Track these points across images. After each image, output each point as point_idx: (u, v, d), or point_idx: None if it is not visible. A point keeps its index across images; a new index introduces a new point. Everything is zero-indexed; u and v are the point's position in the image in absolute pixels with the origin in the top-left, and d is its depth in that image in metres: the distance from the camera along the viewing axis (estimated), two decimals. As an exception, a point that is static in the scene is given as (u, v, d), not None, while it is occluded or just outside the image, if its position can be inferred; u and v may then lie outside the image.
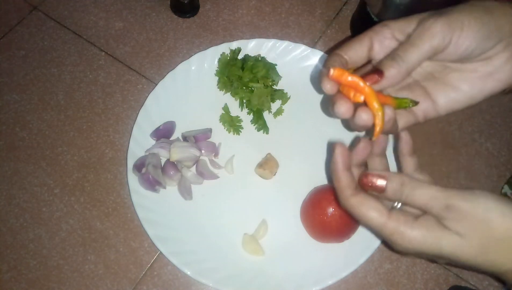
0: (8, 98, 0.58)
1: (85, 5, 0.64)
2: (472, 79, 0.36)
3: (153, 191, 0.51)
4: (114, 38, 0.62)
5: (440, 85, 0.37)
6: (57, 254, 0.50)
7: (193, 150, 0.52)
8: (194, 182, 0.52)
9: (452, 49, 0.33)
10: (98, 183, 0.53)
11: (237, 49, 0.57)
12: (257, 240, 0.50)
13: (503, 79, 0.35)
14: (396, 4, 0.50)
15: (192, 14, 0.63)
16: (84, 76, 0.60)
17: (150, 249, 0.50)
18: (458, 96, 0.36)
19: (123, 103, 0.58)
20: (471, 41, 0.33)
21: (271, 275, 0.48)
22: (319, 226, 0.48)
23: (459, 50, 0.33)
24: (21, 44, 0.62)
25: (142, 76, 0.60)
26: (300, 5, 0.65)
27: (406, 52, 0.33)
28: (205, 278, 0.47)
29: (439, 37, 0.32)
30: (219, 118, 0.56)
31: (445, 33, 0.32)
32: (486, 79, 0.35)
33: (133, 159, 0.52)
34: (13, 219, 0.52)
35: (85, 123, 0.57)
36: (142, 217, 0.49)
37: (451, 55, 0.34)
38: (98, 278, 0.49)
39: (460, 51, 0.33)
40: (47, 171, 0.54)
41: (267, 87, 0.54)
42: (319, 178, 0.52)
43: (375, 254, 0.49)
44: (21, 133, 0.56)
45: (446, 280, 0.49)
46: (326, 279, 0.47)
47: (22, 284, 0.49)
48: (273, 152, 0.53)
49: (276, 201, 0.52)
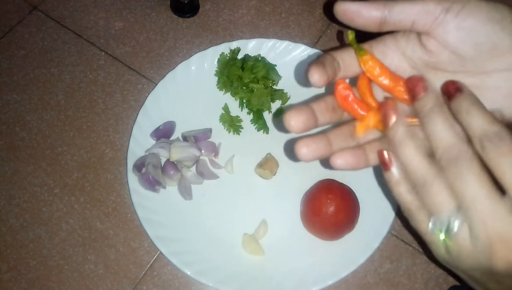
0: (8, 98, 0.58)
1: (85, 5, 0.64)
2: (494, 98, 0.30)
3: (153, 191, 0.51)
4: (114, 38, 0.62)
5: None
6: (57, 254, 0.50)
7: (193, 150, 0.52)
8: (194, 182, 0.52)
9: (450, 26, 0.29)
10: (98, 183, 0.53)
11: (236, 49, 0.57)
12: (257, 240, 0.50)
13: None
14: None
15: (192, 14, 0.63)
16: (84, 76, 0.60)
17: (150, 249, 0.50)
18: None
19: (123, 103, 0.58)
20: (473, 23, 0.28)
21: (271, 275, 0.48)
22: (318, 220, 0.48)
23: (458, 32, 0.29)
24: (21, 44, 0.62)
25: (142, 76, 0.60)
26: (300, 5, 0.65)
27: (396, 1, 0.30)
28: (205, 278, 0.47)
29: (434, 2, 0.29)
30: (219, 118, 0.56)
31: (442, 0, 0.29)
32: (510, 97, 0.30)
33: (133, 159, 0.52)
34: (13, 219, 0.52)
35: (85, 123, 0.57)
36: (142, 217, 0.49)
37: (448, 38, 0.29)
38: (98, 278, 0.49)
39: (460, 34, 0.29)
40: (47, 171, 0.54)
41: (267, 87, 0.54)
42: (319, 178, 0.52)
43: (375, 254, 0.49)
44: (21, 133, 0.56)
45: (446, 280, 0.49)
46: (326, 279, 0.47)
47: (22, 284, 0.49)
48: (273, 152, 0.53)
49: (276, 201, 0.52)
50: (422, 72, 0.32)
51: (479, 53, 0.29)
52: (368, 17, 0.30)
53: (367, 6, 0.30)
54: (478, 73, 0.30)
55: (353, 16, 0.30)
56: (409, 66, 0.32)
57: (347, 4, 0.30)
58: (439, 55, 0.31)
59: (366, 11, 0.30)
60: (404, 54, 0.32)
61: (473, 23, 0.28)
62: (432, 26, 0.29)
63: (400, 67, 0.32)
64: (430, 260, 0.50)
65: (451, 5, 0.29)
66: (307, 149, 0.31)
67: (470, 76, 0.30)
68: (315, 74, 0.30)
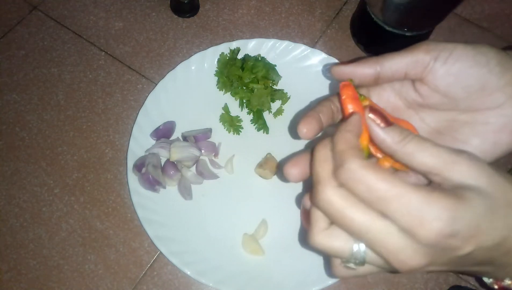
0: (8, 98, 0.58)
1: (85, 5, 0.64)
2: (483, 132, 0.31)
3: (153, 191, 0.51)
4: (114, 38, 0.62)
5: (447, 141, 0.33)
6: (57, 254, 0.50)
7: (193, 150, 0.52)
8: (194, 182, 0.52)
9: (440, 73, 0.31)
10: (98, 183, 0.53)
11: (236, 49, 0.57)
12: (257, 240, 0.50)
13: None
14: (396, 4, 0.50)
15: (192, 14, 0.63)
16: (84, 76, 0.60)
17: (150, 249, 0.50)
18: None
19: (123, 103, 0.58)
20: (461, 68, 0.30)
21: (271, 275, 0.48)
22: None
23: (447, 78, 0.31)
24: (21, 44, 0.62)
25: (142, 76, 0.60)
26: (300, 5, 0.65)
27: (386, 57, 0.32)
28: (205, 278, 0.47)
29: (423, 50, 0.31)
30: (219, 118, 0.56)
31: (430, 49, 0.31)
32: (500, 132, 0.31)
33: (133, 159, 0.52)
34: (13, 219, 0.52)
35: (85, 123, 0.57)
36: (142, 217, 0.49)
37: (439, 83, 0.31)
38: (98, 278, 0.49)
39: (449, 79, 0.31)
40: (47, 171, 0.54)
41: (267, 87, 0.54)
42: (319, 178, 0.52)
43: (375, 254, 0.49)
44: (21, 133, 0.56)
45: (446, 280, 0.49)
46: (326, 279, 0.47)
47: (22, 284, 0.49)
48: (273, 152, 0.53)
49: (276, 201, 0.52)
50: (417, 110, 0.34)
51: (469, 94, 0.31)
52: (363, 75, 0.32)
53: (360, 65, 0.32)
54: (469, 111, 0.32)
55: (349, 76, 0.33)
56: (404, 105, 0.35)
57: (341, 68, 0.33)
58: (431, 98, 0.33)
59: (359, 71, 0.32)
60: (399, 95, 0.34)
61: (461, 68, 0.30)
62: (423, 74, 0.31)
63: (396, 106, 0.35)
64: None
65: (439, 53, 0.31)
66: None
67: (462, 114, 0.32)
68: (303, 129, 0.32)
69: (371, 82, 0.33)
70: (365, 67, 0.32)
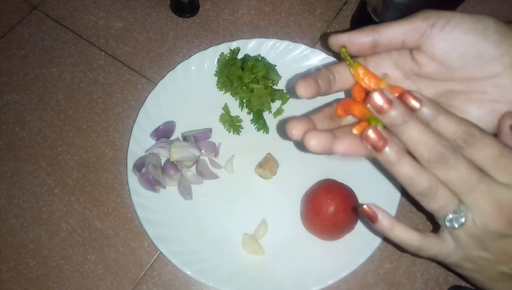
0: (8, 98, 0.58)
1: (85, 5, 0.64)
2: (480, 100, 0.31)
3: (153, 191, 0.51)
4: (114, 38, 0.62)
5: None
6: (57, 254, 0.50)
7: (193, 150, 0.52)
8: (194, 182, 0.52)
9: (437, 40, 0.31)
10: (98, 183, 0.53)
11: (236, 49, 0.57)
12: (257, 240, 0.50)
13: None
14: (396, 4, 0.50)
15: (192, 14, 0.63)
16: (84, 76, 0.60)
17: (150, 249, 0.50)
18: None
19: (123, 103, 0.58)
20: (457, 35, 0.30)
21: (271, 275, 0.48)
22: (318, 220, 0.48)
23: (444, 45, 0.30)
24: (21, 44, 0.62)
25: (142, 76, 0.60)
26: (300, 5, 0.65)
27: (383, 25, 0.32)
28: (205, 278, 0.47)
29: (420, 18, 0.31)
30: (219, 118, 0.56)
31: (428, 17, 0.31)
32: (497, 102, 0.31)
33: (133, 159, 0.52)
34: (13, 219, 0.52)
35: (85, 123, 0.57)
36: (142, 217, 0.49)
37: (436, 51, 0.31)
38: (98, 278, 0.49)
39: (446, 46, 0.31)
40: (47, 171, 0.54)
41: (267, 87, 0.54)
42: (319, 178, 0.52)
43: (375, 254, 0.49)
44: (21, 133, 0.56)
45: (446, 280, 0.49)
46: (326, 279, 0.47)
47: (22, 284, 0.49)
48: (273, 152, 0.53)
49: (276, 201, 0.52)
50: (414, 80, 0.34)
51: (465, 63, 0.31)
52: (360, 43, 0.32)
53: (357, 33, 0.32)
54: (465, 81, 0.32)
55: (347, 45, 0.32)
56: (401, 75, 0.34)
57: (339, 36, 0.33)
58: (428, 67, 0.32)
59: (357, 39, 0.32)
60: (397, 65, 0.34)
61: (458, 35, 0.30)
62: (420, 41, 0.31)
63: (394, 76, 0.34)
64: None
65: (436, 20, 0.30)
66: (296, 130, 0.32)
67: (459, 84, 0.32)
68: (301, 88, 0.32)
69: (368, 50, 0.33)
70: (362, 35, 0.32)
